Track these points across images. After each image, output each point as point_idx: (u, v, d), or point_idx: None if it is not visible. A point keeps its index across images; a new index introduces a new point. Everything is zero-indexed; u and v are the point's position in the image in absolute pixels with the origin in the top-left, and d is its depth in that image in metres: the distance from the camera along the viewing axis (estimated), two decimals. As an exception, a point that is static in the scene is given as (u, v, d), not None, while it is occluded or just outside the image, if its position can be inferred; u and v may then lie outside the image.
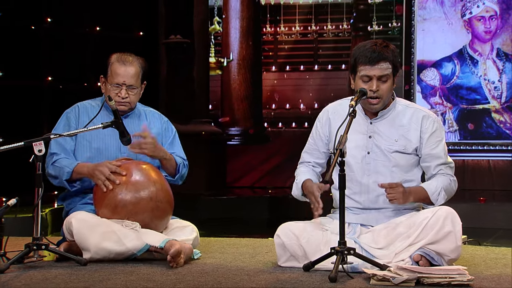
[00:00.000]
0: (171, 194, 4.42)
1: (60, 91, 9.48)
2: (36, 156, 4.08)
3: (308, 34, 11.50)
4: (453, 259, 3.90)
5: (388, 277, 3.52)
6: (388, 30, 10.97)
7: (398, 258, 3.88)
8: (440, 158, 4.12)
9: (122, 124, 4.31)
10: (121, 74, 4.51)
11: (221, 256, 4.48)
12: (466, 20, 11.00)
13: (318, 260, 3.85)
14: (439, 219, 3.88)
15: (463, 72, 10.98)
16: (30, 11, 9.51)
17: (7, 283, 3.63)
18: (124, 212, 4.21)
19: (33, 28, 9.58)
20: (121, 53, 4.61)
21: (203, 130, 10.40)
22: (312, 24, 11.51)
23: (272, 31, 11.68)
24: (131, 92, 4.55)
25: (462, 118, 10.99)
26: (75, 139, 4.55)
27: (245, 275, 3.83)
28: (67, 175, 4.40)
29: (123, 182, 4.24)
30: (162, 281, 3.66)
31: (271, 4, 11.64)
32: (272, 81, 11.91)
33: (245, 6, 10.92)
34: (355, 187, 4.15)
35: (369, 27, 11.06)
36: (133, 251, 4.14)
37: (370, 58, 4.01)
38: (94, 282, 3.64)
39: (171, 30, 10.34)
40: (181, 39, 10.29)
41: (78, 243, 4.19)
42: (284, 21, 11.63)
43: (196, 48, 10.47)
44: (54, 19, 9.74)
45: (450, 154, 4.27)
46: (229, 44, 10.95)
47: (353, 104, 3.90)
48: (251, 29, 11.00)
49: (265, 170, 11.20)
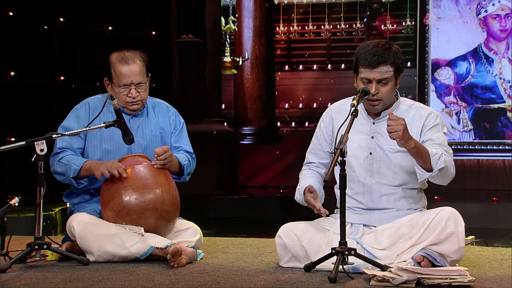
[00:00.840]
0: (178, 198, 4.35)
1: (73, 91, 9.51)
2: (38, 155, 4.06)
3: (321, 33, 11.47)
4: (455, 260, 3.86)
5: (388, 277, 3.48)
6: (402, 29, 10.90)
7: (400, 259, 3.84)
8: (440, 143, 3.98)
9: (125, 124, 4.28)
10: (127, 74, 4.42)
11: (224, 256, 4.46)
12: (481, 19, 10.93)
13: (319, 261, 3.82)
14: (442, 220, 3.83)
15: (478, 71, 10.91)
16: (43, 11, 9.56)
17: (7, 283, 3.63)
18: (128, 219, 4.16)
19: (46, 28, 9.62)
20: (119, 52, 4.50)
21: (215, 129, 10.39)
22: (326, 23, 11.47)
23: (285, 30, 11.65)
24: (140, 89, 4.48)
25: (477, 117, 10.92)
26: (85, 139, 4.51)
27: (245, 275, 3.81)
28: (74, 172, 4.35)
29: (130, 185, 4.21)
30: (161, 281, 3.65)
31: (284, 3, 11.61)
32: (285, 80, 11.88)
33: (258, 6, 10.91)
34: (358, 188, 4.11)
35: (383, 26, 10.99)
36: (137, 255, 4.12)
37: (370, 61, 3.97)
38: (93, 282, 3.64)
39: (183, 29, 10.35)
40: (193, 39, 10.30)
41: (81, 246, 4.17)
42: (297, 20, 11.60)
43: (208, 47, 10.46)
44: (67, 19, 9.77)
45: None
46: (242, 43, 10.94)
47: (354, 103, 3.86)
48: (264, 28, 10.99)
49: (278, 170, 11.18)
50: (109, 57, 4.53)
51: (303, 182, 4.19)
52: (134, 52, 4.53)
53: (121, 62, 4.44)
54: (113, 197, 4.20)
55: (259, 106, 11.38)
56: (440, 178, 3.92)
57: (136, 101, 4.47)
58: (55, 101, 9.53)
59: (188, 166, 4.55)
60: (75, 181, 4.39)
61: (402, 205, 4.08)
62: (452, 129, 10.83)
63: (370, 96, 4.01)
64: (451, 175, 3.98)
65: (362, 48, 4.06)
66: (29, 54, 9.32)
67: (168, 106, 4.73)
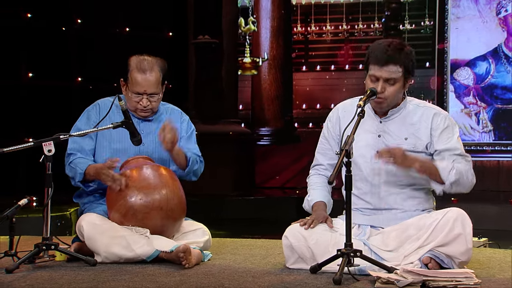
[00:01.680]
0: (183, 198, 4.35)
1: (90, 91, 9.55)
2: (46, 156, 4.08)
3: (338, 33, 11.42)
4: (464, 261, 3.81)
5: (392, 279, 3.45)
6: (421, 29, 10.83)
7: (407, 260, 3.81)
8: (456, 149, 3.97)
9: (132, 124, 4.29)
10: (141, 84, 4.41)
11: (231, 257, 4.45)
12: (501, 18, 10.84)
13: (325, 262, 3.79)
14: (449, 221, 3.79)
15: (498, 71, 10.81)
16: (60, 13, 9.61)
17: (12, 283, 3.64)
18: (134, 220, 4.18)
19: (63, 29, 9.67)
20: (139, 57, 4.47)
21: (231, 130, 10.39)
22: (343, 23, 11.42)
23: (303, 30, 11.62)
24: (152, 99, 4.48)
25: (497, 118, 10.82)
26: (95, 139, 4.53)
27: (250, 276, 3.79)
28: (79, 176, 4.38)
29: (134, 186, 4.21)
30: (165, 282, 3.64)
31: (302, 3, 11.58)
32: (302, 81, 11.85)
33: (276, 6, 10.89)
34: (366, 187, 4.08)
35: (401, 26, 10.93)
36: (143, 257, 4.12)
37: (380, 59, 3.94)
38: (98, 282, 3.63)
39: (199, 30, 10.37)
40: (209, 39, 10.32)
41: (89, 246, 4.19)
42: (315, 20, 11.56)
43: (224, 48, 10.46)
44: (84, 20, 9.82)
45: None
46: (260, 43, 10.92)
47: (361, 104, 3.84)
48: (282, 29, 10.96)
49: (296, 170, 11.14)
50: (129, 59, 4.52)
51: (312, 194, 4.19)
52: (154, 60, 4.50)
53: (138, 70, 4.43)
54: (118, 199, 4.21)
55: (276, 106, 11.36)
56: (455, 189, 3.92)
57: (146, 110, 4.49)
58: (73, 101, 9.57)
59: (194, 163, 4.54)
60: (82, 184, 4.42)
61: (410, 206, 4.05)
62: (472, 130, 10.74)
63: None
64: (469, 183, 3.95)
65: (375, 46, 4.04)
66: (47, 55, 9.37)
67: (181, 113, 4.74)
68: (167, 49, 10.66)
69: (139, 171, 4.28)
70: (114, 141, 4.51)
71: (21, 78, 9.35)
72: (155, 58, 4.53)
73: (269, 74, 10.99)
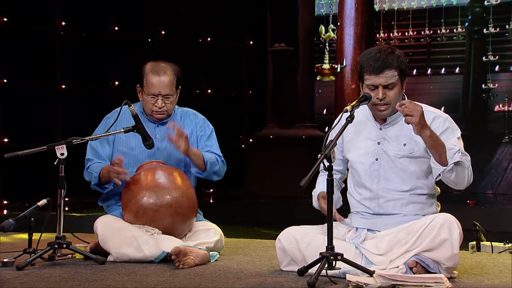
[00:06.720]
0: (194, 199, 4.54)
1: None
2: (59, 159, 4.32)
3: (421, 38, 11.26)
4: (450, 267, 3.77)
5: (361, 283, 3.46)
6: (505, 33, 10.52)
7: (393, 264, 3.81)
8: (456, 147, 3.86)
9: (143, 129, 4.48)
10: (156, 85, 4.65)
11: (236, 258, 4.54)
12: None
13: (310, 265, 3.84)
14: (436, 226, 3.77)
15: None
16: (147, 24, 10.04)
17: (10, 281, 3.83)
18: (145, 219, 4.38)
19: (149, 40, 10.04)
20: (154, 62, 4.73)
21: (306, 134, 10.48)
22: (426, 28, 11.25)
23: (386, 36, 11.53)
24: (167, 101, 4.69)
25: None
26: (112, 146, 4.76)
27: (235, 278, 3.86)
28: (94, 179, 4.61)
29: (146, 187, 4.40)
30: (146, 281, 3.74)
31: (385, 10, 11.51)
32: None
33: (359, 13, 10.85)
34: (366, 193, 4.10)
35: (485, 30, 10.66)
36: (151, 258, 4.29)
37: (374, 67, 3.96)
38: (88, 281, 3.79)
39: (276, 38, 10.55)
40: (285, 47, 10.46)
41: (102, 246, 4.40)
42: (397, 26, 11.44)
43: (300, 55, 10.57)
44: (168, 31, 10.16)
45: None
46: (343, 50, 10.90)
47: (348, 109, 3.88)
48: (365, 35, 10.89)
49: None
50: (144, 65, 4.76)
51: (317, 188, 4.23)
52: (168, 65, 4.74)
53: (153, 73, 4.67)
54: (131, 199, 4.42)
55: (359, 112, 11.29)
56: (455, 175, 3.81)
57: (161, 111, 4.68)
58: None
59: (214, 164, 4.69)
60: (99, 187, 4.64)
61: (410, 211, 4.02)
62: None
63: (377, 101, 4.00)
64: (467, 178, 3.85)
65: (365, 55, 4.06)
66: (86, 61, 9.63)
67: (195, 113, 4.90)
68: (249, 57, 10.90)
69: (152, 174, 4.47)
70: (131, 146, 4.72)
71: (55, 86, 9.59)
72: (169, 63, 4.74)
73: (352, 80, 10.93)
